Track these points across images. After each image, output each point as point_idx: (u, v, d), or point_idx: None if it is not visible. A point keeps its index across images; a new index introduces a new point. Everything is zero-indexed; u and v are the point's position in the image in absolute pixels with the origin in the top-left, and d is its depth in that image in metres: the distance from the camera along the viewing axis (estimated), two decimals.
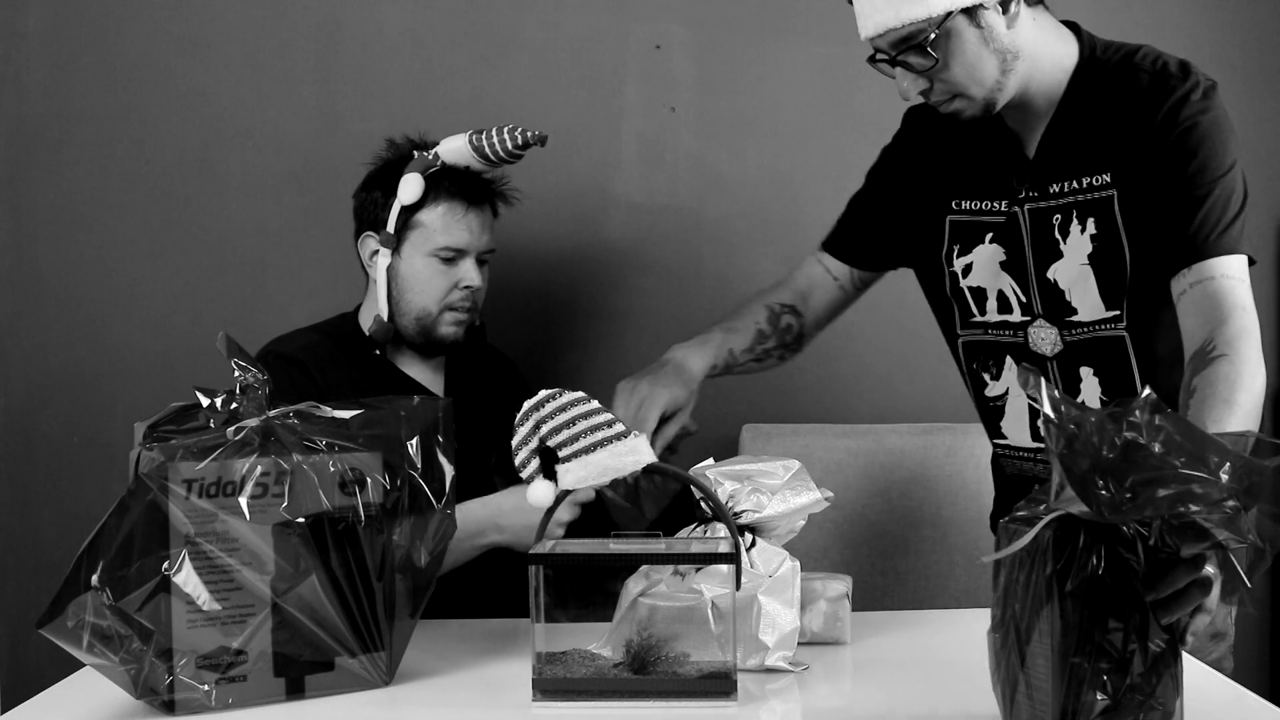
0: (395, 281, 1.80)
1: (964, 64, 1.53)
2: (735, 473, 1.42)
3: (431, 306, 1.80)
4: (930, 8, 1.48)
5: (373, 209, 1.81)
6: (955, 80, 1.54)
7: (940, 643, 1.54)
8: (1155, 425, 1.02)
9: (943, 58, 1.52)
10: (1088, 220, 1.59)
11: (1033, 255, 1.65)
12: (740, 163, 2.36)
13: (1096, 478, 1.02)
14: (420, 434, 1.33)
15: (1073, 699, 1.03)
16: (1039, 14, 1.58)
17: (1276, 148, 2.38)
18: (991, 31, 1.52)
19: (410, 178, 1.77)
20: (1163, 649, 1.04)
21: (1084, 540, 1.03)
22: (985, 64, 1.53)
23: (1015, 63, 1.55)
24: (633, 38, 2.34)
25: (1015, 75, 1.56)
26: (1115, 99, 1.57)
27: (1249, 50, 2.37)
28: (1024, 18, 1.55)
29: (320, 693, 1.29)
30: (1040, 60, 1.58)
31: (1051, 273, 1.63)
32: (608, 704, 1.25)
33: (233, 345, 1.29)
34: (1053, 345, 1.66)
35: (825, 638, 1.46)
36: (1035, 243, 1.64)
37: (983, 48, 1.52)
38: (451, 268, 1.80)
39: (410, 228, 1.79)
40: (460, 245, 1.80)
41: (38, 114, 2.31)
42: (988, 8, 1.51)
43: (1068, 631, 1.03)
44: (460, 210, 1.80)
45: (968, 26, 1.51)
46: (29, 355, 2.32)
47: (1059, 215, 1.62)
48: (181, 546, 1.21)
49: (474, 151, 1.80)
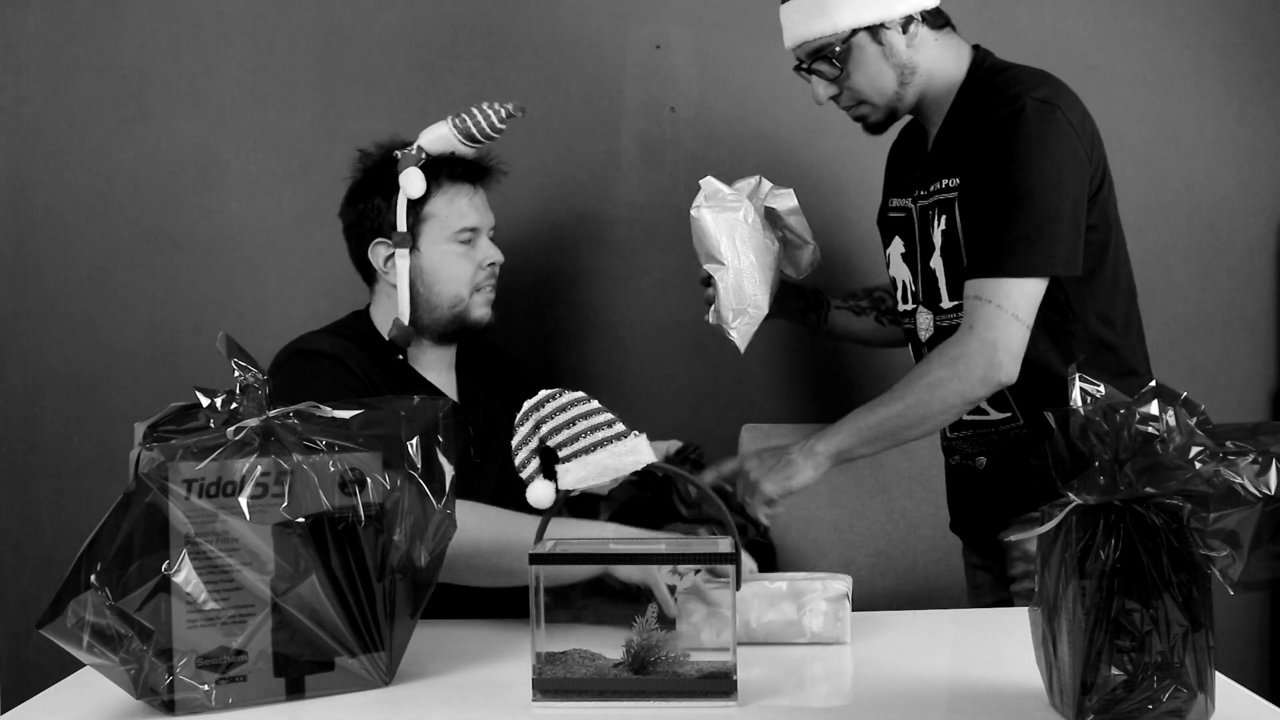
0: (421, 278, 1.80)
1: (866, 75, 1.74)
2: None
3: (464, 291, 1.81)
4: (837, 24, 1.71)
5: (375, 216, 1.81)
6: (858, 89, 1.76)
7: (940, 643, 1.54)
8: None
9: (846, 69, 1.74)
10: (942, 217, 1.77)
11: (920, 248, 1.83)
12: (740, 163, 2.36)
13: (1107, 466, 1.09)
14: (420, 434, 1.33)
15: (1092, 673, 1.09)
16: (943, 35, 1.78)
17: (1277, 148, 2.38)
18: (892, 48, 1.73)
19: (410, 172, 1.78)
20: (1186, 629, 1.08)
21: (1103, 524, 1.09)
22: (884, 76, 1.74)
23: (913, 77, 1.76)
24: (633, 38, 2.34)
25: (912, 88, 1.76)
26: (971, 113, 1.75)
27: (1249, 50, 2.37)
28: (925, 37, 1.75)
29: (320, 693, 1.29)
30: (935, 75, 1.77)
31: (932, 263, 1.80)
32: (608, 704, 1.25)
33: (233, 345, 1.29)
34: (926, 330, 1.85)
35: (825, 638, 1.46)
36: (920, 236, 1.83)
37: (883, 62, 1.74)
38: (472, 249, 1.82)
39: (422, 221, 1.80)
40: (475, 224, 1.82)
41: (38, 114, 2.31)
42: (889, 28, 1.72)
43: (1088, 610, 1.08)
44: (466, 191, 1.83)
45: (870, 43, 1.72)
46: (29, 355, 2.32)
47: (931, 211, 1.80)
48: (181, 546, 1.21)
49: (459, 134, 1.81)
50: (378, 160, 1.84)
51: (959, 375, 1.65)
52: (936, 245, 1.78)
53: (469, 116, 1.81)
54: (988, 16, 1.83)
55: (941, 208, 1.77)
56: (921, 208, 1.83)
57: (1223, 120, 2.37)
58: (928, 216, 1.81)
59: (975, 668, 1.38)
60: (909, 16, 1.72)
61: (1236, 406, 2.38)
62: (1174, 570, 1.08)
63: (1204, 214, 2.38)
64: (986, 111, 1.71)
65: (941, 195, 1.77)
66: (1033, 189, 1.64)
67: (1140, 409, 1.09)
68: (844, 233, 2.36)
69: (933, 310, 1.82)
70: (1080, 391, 1.13)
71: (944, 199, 1.77)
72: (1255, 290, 2.40)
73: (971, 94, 1.77)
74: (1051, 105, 1.67)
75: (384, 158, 1.83)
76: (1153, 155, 2.36)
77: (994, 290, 1.65)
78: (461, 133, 1.81)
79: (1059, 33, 2.32)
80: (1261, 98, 2.37)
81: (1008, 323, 1.64)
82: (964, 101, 1.77)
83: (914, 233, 1.85)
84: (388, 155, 1.83)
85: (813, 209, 2.37)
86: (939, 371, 1.66)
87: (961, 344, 1.65)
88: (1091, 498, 1.08)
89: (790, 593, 1.47)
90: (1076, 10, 2.36)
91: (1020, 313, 1.64)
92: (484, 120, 1.81)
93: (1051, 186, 1.65)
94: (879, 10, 1.70)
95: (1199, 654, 1.09)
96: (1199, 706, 1.10)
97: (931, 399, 1.66)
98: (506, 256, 1.88)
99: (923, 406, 1.66)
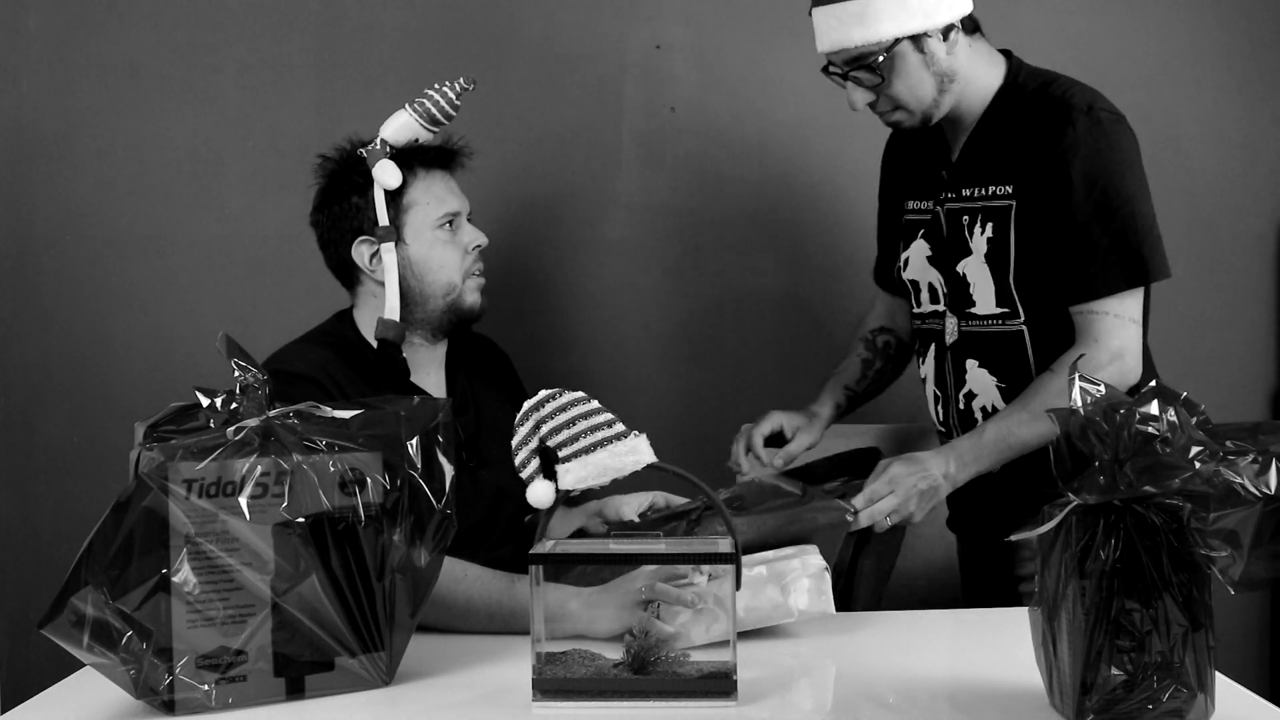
0: (410, 270, 1.79)
1: (906, 83, 1.74)
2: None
3: (456, 278, 1.80)
4: (880, 33, 1.69)
5: (354, 215, 1.79)
6: (898, 96, 1.75)
7: (940, 643, 1.54)
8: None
9: (888, 77, 1.73)
10: (988, 224, 1.77)
11: (949, 251, 1.82)
12: (740, 163, 2.36)
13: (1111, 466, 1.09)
14: (420, 434, 1.33)
15: (1092, 673, 1.09)
16: (975, 41, 1.78)
17: (1278, 147, 2.38)
18: (933, 56, 1.73)
19: (383, 164, 1.77)
20: (1186, 629, 1.08)
21: (1104, 524, 1.09)
22: (925, 84, 1.74)
23: (951, 84, 1.76)
24: (633, 38, 2.34)
25: (950, 95, 1.77)
26: (1024, 121, 1.76)
27: (1249, 50, 2.37)
28: (961, 44, 1.75)
29: (320, 693, 1.29)
30: (970, 81, 1.78)
31: (961, 267, 1.80)
32: (608, 704, 1.25)
33: (233, 345, 1.29)
34: (951, 334, 1.85)
35: (813, 612, 1.47)
36: (950, 239, 1.82)
37: (924, 70, 1.73)
38: (456, 234, 1.81)
39: (404, 211, 1.79)
40: (456, 208, 1.81)
41: (38, 113, 2.31)
42: (930, 36, 1.71)
43: (1088, 610, 1.09)
44: (441, 177, 1.82)
45: (912, 51, 1.71)
46: (29, 355, 2.32)
47: (967, 216, 1.80)
48: (181, 546, 1.21)
49: (421, 119, 1.80)
50: (343, 161, 1.81)
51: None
52: (978, 251, 1.78)
53: (426, 100, 1.80)
54: (989, 16, 1.83)
55: (987, 215, 1.77)
56: (952, 211, 1.82)
57: (1223, 120, 2.37)
58: (960, 221, 1.80)
59: (975, 668, 1.38)
60: (950, 24, 1.72)
61: (1236, 406, 2.38)
62: (1174, 570, 1.08)
63: (1204, 214, 2.38)
64: (1050, 121, 1.72)
65: (986, 202, 1.77)
66: (1131, 198, 1.70)
67: (1140, 409, 1.09)
68: (842, 232, 2.36)
69: (959, 315, 1.83)
70: (1080, 391, 1.13)
71: (991, 206, 1.77)
72: (1255, 290, 2.40)
73: (1016, 101, 1.78)
74: (1118, 115, 1.73)
75: (349, 157, 1.81)
76: (1153, 155, 2.34)
77: (1111, 304, 1.70)
78: (424, 117, 1.80)
79: (1059, 32, 2.32)
80: (1262, 97, 2.37)
81: (1126, 328, 1.71)
82: (1005, 107, 1.78)
83: (942, 236, 1.84)
84: (352, 155, 1.81)
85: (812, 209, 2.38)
86: (1065, 378, 1.65)
87: (1091, 358, 1.67)
88: (1091, 498, 1.08)
89: (771, 575, 1.47)
90: (1077, 10, 2.36)
91: (1135, 316, 1.72)
92: (442, 100, 1.80)
93: (1144, 195, 1.72)
94: (921, 20, 1.70)
95: (1199, 654, 1.09)
96: (1199, 706, 1.10)
97: (1055, 393, 1.66)
98: (507, 256, 1.88)
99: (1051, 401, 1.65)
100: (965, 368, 1.83)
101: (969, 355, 1.83)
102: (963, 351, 1.84)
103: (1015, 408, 1.72)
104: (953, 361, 1.85)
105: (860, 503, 1.67)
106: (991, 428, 1.72)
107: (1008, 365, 1.80)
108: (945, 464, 1.71)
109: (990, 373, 1.81)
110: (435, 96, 1.80)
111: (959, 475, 1.71)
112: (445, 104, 1.80)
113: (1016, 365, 1.79)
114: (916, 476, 1.69)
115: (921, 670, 1.38)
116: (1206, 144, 2.37)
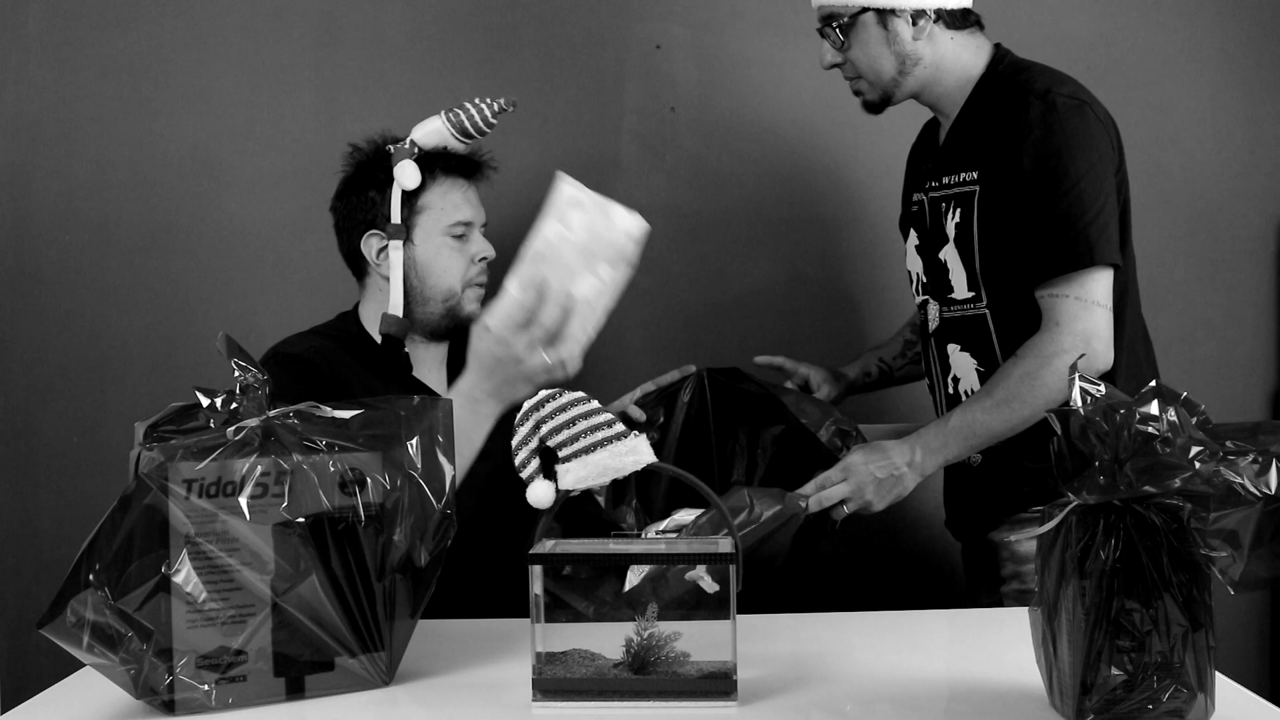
0: (414, 270, 1.81)
1: (865, 54, 1.78)
2: None
3: (456, 286, 1.82)
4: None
5: (369, 208, 1.82)
6: (856, 64, 1.80)
7: (939, 643, 1.54)
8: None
9: (848, 40, 1.78)
10: (957, 210, 1.80)
11: (931, 239, 1.86)
12: (740, 163, 2.36)
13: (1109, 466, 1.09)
14: (420, 434, 1.33)
15: (1092, 673, 1.09)
16: (964, 35, 1.80)
17: (1278, 147, 2.38)
18: (896, 36, 1.76)
19: (405, 164, 1.79)
20: (1186, 630, 1.08)
21: (1104, 524, 1.09)
22: (883, 60, 1.78)
23: (914, 68, 1.78)
24: (633, 38, 2.34)
25: (913, 78, 1.79)
26: (992, 108, 1.78)
27: (1249, 49, 2.37)
28: (938, 34, 1.77)
29: (320, 693, 1.29)
30: (947, 71, 1.80)
31: (942, 254, 1.83)
32: (608, 704, 1.25)
33: (233, 345, 1.29)
34: (934, 321, 1.88)
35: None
36: (932, 227, 1.86)
37: (884, 46, 1.77)
38: (464, 244, 1.83)
39: (417, 213, 1.81)
40: (469, 218, 1.83)
41: (38, 112, 2.31)
42: (899, 16, 1.75)
43: (1088, 610, 1.08)
44: (460, 185, 1.84)
45: (874, 24, 1.76)
46: (29, 355, 2.32)
47: (944, 204, 1.83)
48: (181, 546, 1.21)
49: (453, 128, 1.82)
50: (370, 154, 1.85)
51: (1056, 371, 1.65)
52: (950, 237, 1.80)
53: (462, 111, 1.82)
54: (989, 15, 1.83)
55: (956, 200, 1.79)
56: (933, 199, 1.85)
57: (1223, 119, 2.38)
58: (939, 209, 1.82)
59: (974, 668, 1.38)
60: (920, 11, 1.74)
61: (1236, 406, 2.38)
62: (1174, 570, 1.08)
63: (1204, 214, 2.38)
64: (1010, 107, 1.73)
65: (956, 188, 1.79)
66: (1079, 181, 1.68)
67: (1140, 409, 1.09)
68: (842, 232, 2.36)
69: (940, 302, 1.85)
70: (1080, 391, 1.13)
71: (959, 192, 1.78)
72: (1255, 290, 2.40)
73: (989, 89, 1.79)
74: (1080, 100, 1.71)
75: (377, 152, 1.84)
76: (1153, 154, 2.36)
77: (1072, 285, 1.68)
78: (455, 127, 1.82)
79: (1059, 31, 2.32)
80: (1262, 97, 2.38)
81: (1091, 311, 1.68)
82: (981, 96, 1.79)
83: (926, 224, 1.87)
84: (380, 149, 1.84)
85: (812, 208, 2.38)
86: (1029, 363, 1.68)
87: (1054, 341, 1.67)
88: (1091, 498, 1.08)
89: None
90: (1077, 9, 2.36)
91: (1101, 299, 1.69)
92: (477, 115, 1.82)
93: (1095, 179, 1.69)
94: None
95: (1199, 654, 1.09)
96: (1199, 706, 1.10)
97: (1032, 394, 1.67)
98: (506, 256, 1.88)
99: (1020, 401, 1.67)
100: (948, 352, 1.85)
101: (950, 340, 1.85)
102: (944, 337, 1.86)
103: (980, 395, 1.72)
104: (937, 347, 1.88)
105: (810, 489, 1.68)
106: (956, 415, 1.72)
107: (981, 350, 1.81)
108: (910, 453, 1.70)
109: (972, 356, 1.83)
110: (471, 110, 1.82)
111: (926, 463, 1.71)
112: (479, 119, 1.82)
113: (987, 350, 1.81)
114: (875, 465, 1.69)
115: (921, 670, 1.38)
116: (1206, 143, 2.37)
